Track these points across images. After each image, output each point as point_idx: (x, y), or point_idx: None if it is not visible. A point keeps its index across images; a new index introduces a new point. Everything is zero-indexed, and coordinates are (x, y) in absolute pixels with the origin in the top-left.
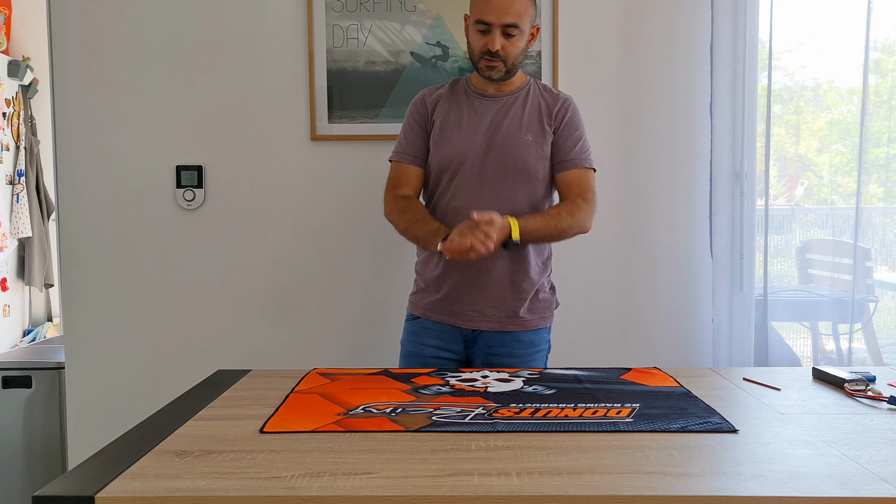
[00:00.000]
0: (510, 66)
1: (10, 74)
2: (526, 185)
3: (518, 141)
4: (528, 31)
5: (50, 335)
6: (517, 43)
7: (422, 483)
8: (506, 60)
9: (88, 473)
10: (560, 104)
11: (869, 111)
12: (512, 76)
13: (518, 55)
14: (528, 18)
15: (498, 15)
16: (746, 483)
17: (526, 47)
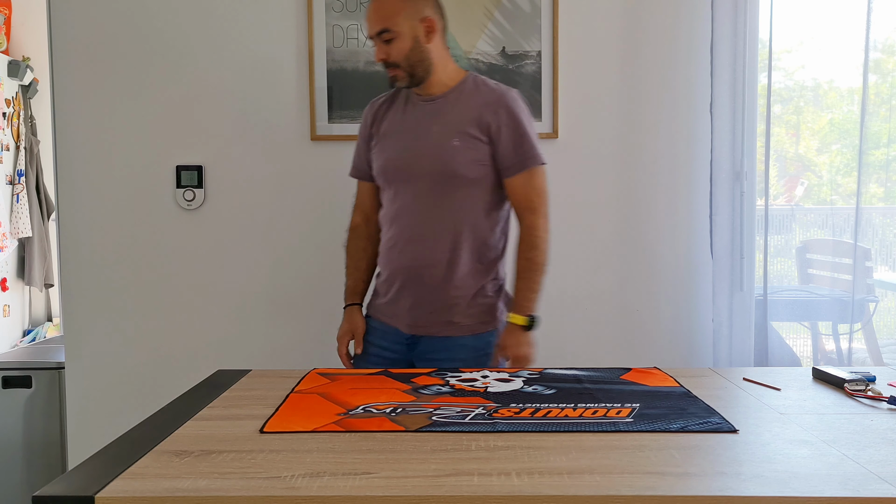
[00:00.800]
0: (411, 70)
1: (10, 74)
2: (461, 191)
3: (445, 146)
4: (411, 29)
5: (50, 335)
6: (399, 45)
7: (422, 483)
8: (400, 65)
9: (88, 473)
10: (491, 109)
11: (869, 111)
12: (423, 78)
13: (411, 55)
14: (402, 17)
15: (370, 26)
16: (746, 483)
17: (420, 44)
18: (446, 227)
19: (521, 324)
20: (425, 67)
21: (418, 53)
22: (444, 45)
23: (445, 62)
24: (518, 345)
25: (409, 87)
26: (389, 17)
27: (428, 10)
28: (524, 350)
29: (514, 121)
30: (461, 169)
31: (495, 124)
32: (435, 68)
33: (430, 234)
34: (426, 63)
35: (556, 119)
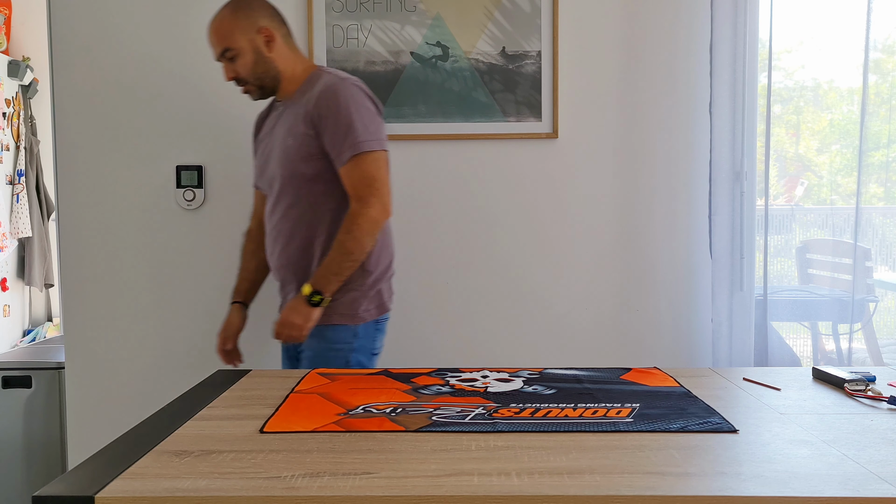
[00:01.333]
0: (259, 83)
1: (10, 74)
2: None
3: (284, 147)
4: (250, 42)
5: (50, 335)
6: (242, 61)
7: (422, 483)
8: (247, 81)
9: (88, 473)
10: (314, 101)
11: (869, 111)
12: (273, 89)
13: (256, 68)
14: (239, 33)
15: (213, 49)
16: (746, 483)
17: (263, 55)
18: (300, 227)
19: (305, 293)
20: (272, 77)
21: (262, 65)
22: (289, 49)
23: (294, 65)
24: (291, 310)
25: (263, 98)
26: (227, 37)
27: (263, 20)
28: (293, 318)
29: (337, 109)
30: (298, 167)
31: (317, 115)
32: (283, 75)
33: (286, 236)
34: (272, 72)
35: (556, 119)
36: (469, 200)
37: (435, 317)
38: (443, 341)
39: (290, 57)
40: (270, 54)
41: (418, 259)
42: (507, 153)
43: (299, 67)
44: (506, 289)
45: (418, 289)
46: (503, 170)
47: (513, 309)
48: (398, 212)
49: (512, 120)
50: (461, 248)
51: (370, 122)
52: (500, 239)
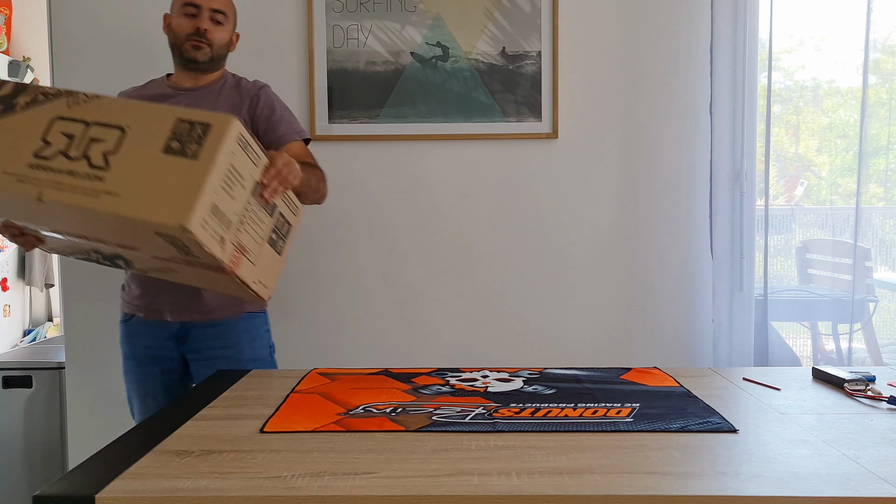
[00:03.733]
0: (215, 54)
1: (10, 74)
2: None
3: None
4: (232, 28)
5: (50, 335)
6: (223, 31)
7: (422, 483)
8: (212, 45)
9: (88, 473)
10: (251, 94)
11: (869, 112)
12: (213, 69)
13: (223, 46)
14: (232, 14)
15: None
16: (746, 483)
17: (229, 45)
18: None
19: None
20: (219, 63)
21: (226, 49)
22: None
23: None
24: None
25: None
26: (227, 4)
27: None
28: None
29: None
30: None
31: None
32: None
33: None
34: (221, 62)
35: (556, 119)
36: (469, 200)
37: (435, 317)
38: (443, 341)
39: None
40: (230, 51)
41: (418, 259)
42: (507, 153)
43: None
44: (506, 288)
45: (418, 289)
46: (503, 170)
47: (513, 309)
48: (398, 211)
49: (512, 120)
50: (461, 248)
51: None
52: (500, 239)
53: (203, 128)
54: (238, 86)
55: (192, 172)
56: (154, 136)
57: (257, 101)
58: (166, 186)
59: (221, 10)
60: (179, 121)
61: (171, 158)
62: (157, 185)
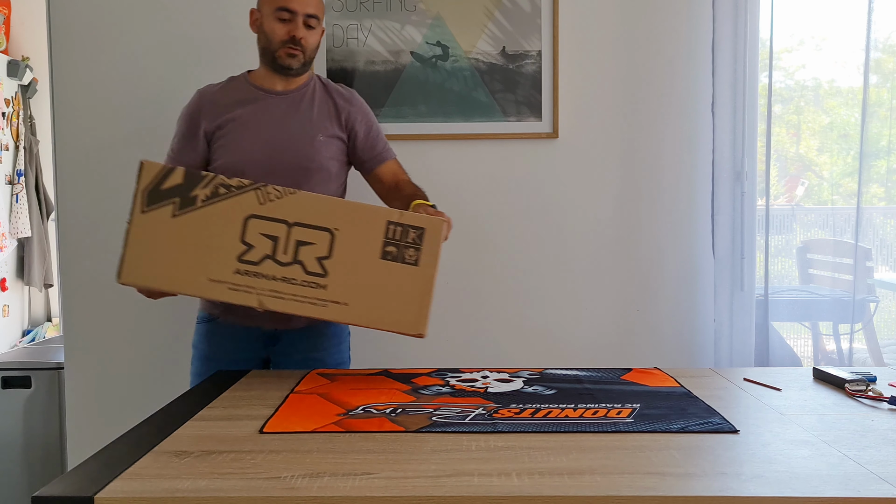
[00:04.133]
0: (307, 59)
1: (10, 74)
2: (321, 185)
3: (311, 142)
4: (323, 29)
5: (50, 335)
6: (316, 35)
7: (422, 483)
8: (305, 51)
9: (88, 473)
10: (347, 107)
11: (870, 111)
12: (304, 71)
13: (315, 50)
14: (323, 15)
15: (302, 4)
16: (747, 483)
17: (318, 46)
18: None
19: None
20: (310, 65)
21: (315, 53)
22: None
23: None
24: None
25: (297, 73)
26: (319, 8)
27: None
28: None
29: (370, 118)
30: (326, 162)
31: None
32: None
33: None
34: (311, 62)
35: (556, 119)
36: (469, 200)
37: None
38: (443, 341)
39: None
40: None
41: None
42: (507, 153)
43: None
44: (506, 289)
45: None
46: (503, 170)
47: (513, 309)
48: None
49: (512, 120)
50: (461, 248)
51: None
52: (500, 239)
53: (417, 232)
54: (328, 91)
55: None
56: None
57: (355, 115)
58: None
59: (315, 15)
60: (391, 224)
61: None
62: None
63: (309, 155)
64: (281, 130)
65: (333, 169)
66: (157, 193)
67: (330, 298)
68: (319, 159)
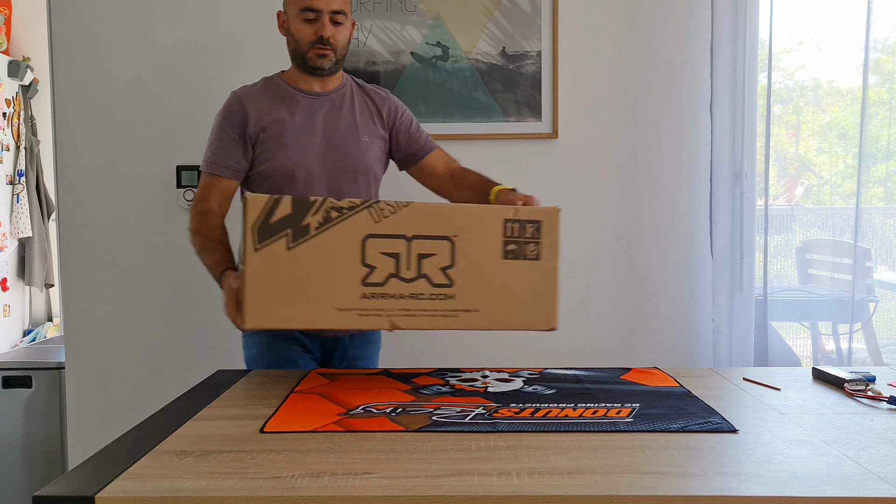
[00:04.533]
0: (339, 57)
1: (11, 74)
2: (368, 187)
3: (357, 144)
4: (351, 22)
5: (50, 335)
6: (345, 31)
7: (422, 483)
8: (336, 49)
9: (88, 473)
10: (387, 105)
11: (869, 111)
12: (338, 70)
13: (345, 46)
14: (350, 8)
15: (326, 2)
16: (746, 483)
17: (350, 39)
18: None
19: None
20: (343, 62)
21: (348, 47)
22: None
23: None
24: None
25: (329, 73)
26: (347, 3)
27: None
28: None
29: (408, 113)
30: (373, 164)
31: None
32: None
33: None
34: (345, 58)
35: (556, 119)
36: None
37: None
38: (443, 341)
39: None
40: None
41: None
42: (507, 153)
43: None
44: None
45: None
46: (503, 170)
47: None
48: None
49: (512, 120)
50: None
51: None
52: None
53: (534, 226)
54: (364, 91)
55: (541, 274)
56: (487, 242)
57: (396, 112)
58: (523, 293)
59: (341, 10)
60: (507, 221)
61: (513, 263)
62: (512, 294)
63: (357, 157)
64: (327, 133)
65: (378, 171)
66: (268, 228)
67: (460, 308)
68: (367, 161)
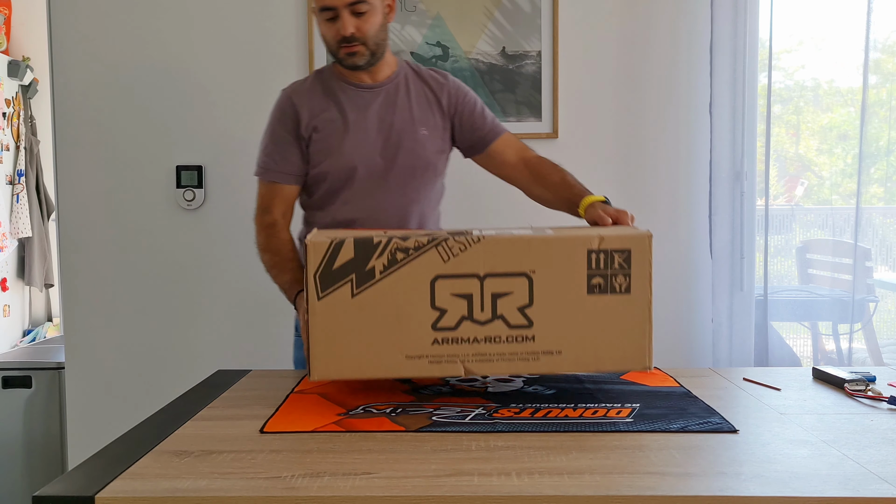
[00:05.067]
0: (373, 48)
1: (10, 74)
2: (430, 183)
3: (415, 137)
4: (381, 5)
5: (50, 335)
6: (371, 19)
7: (422, 483)
8: (366, 42)
9: (88, 473)
10: (446, 90)
11: (869, 111)
12: (379, 59)
13: (378, 33)
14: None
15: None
16: (746, 483)
17: (385, 22)
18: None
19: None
20: (383, 49)
21: (384, 31)
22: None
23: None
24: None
25: (362, 67)
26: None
27: None
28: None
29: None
30: (433, 158)
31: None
32: (387, 51)
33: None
34: (385, 43)
35: (556, 119)
36: (469, 200)
37: None
38: None
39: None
40: (388, 23)
41: None
42: None
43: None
44: None
45: None
46: None
47: None
48: None
49: (512, 120)
50: None
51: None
52: None
53: (622, 255)
54: (420, 77)
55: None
56: (569, 277)
57: (455, 96)
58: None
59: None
60: (591, 252)
61: (599, 298)
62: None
63: (416, 152)
64: (383, 128)
65: (440, 164)
66: (331, 275)
67: (541, 349)
68: (426, 155)
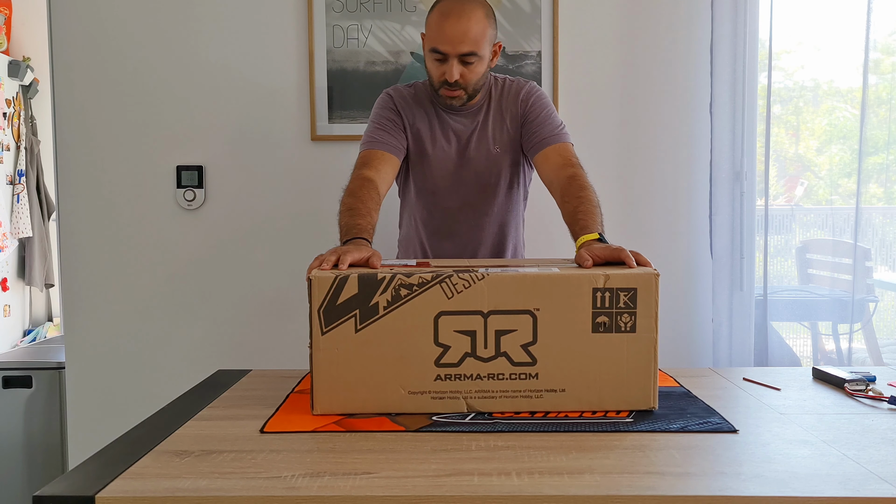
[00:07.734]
0: (472, 93)
1: (11, 74)
2: (501, 200)
3: (489, 155)
4: (489, 54)
5: (50, 335)
6: (476, 69)
7: (422, 483)
8: (466, 88)
9: (88, 473)
10: (519, 99)
11: (869, 111)
12: (473, 98)
13: (478, 81)
14: (486, 41)
15: (453, 45)
16: (746, 483)
17: (488, 69)
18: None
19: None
20: (481, 88)
21: (485, 77)
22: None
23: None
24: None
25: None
26: (478, 42)
27: (497, 33)
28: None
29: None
30: (505, 173)
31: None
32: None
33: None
34: (484, 85)
35: None
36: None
37: None
38: None
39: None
40: (490, 67)
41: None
42: None
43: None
44: None
45: None
46: None
47: None
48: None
49: None
50: None
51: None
52: None
53: (628, 294)
54: (502, 93)
55: (637, 348)
56: (574, 315)
57: (526, 104)
58: (615, 370)
59: (473, 53)
60: (597, 291)
61: (604, 337)
62: (603, 371)
63: (488, 169)
64: (460, 146)
65: (513, 176)
66: (335, 310)
67: (544, 387)
68: (496, 171)
